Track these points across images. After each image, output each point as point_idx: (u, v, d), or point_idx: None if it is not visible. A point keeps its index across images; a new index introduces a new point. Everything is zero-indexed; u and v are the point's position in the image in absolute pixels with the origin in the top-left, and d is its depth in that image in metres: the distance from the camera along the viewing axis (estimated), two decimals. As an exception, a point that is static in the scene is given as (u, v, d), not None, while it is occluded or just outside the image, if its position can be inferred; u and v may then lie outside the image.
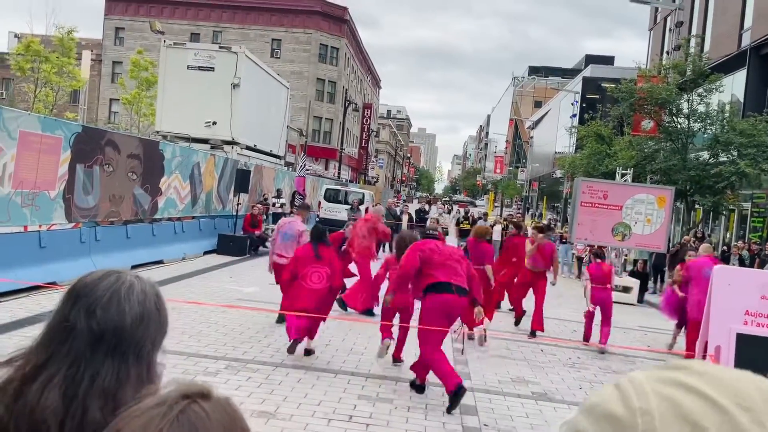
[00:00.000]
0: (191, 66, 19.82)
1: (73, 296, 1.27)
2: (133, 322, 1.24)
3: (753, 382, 0.50)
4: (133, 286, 1.27)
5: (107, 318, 1.22)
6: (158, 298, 1.31)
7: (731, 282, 3.64)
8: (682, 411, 0.48)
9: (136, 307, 1.25)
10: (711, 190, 17.97)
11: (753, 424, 0.46)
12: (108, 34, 50.92)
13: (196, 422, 0.81)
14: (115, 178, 11.98)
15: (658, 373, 0.53)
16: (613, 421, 0.49)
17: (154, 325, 1.27)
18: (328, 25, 51.22)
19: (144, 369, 1.23)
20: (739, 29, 23.82)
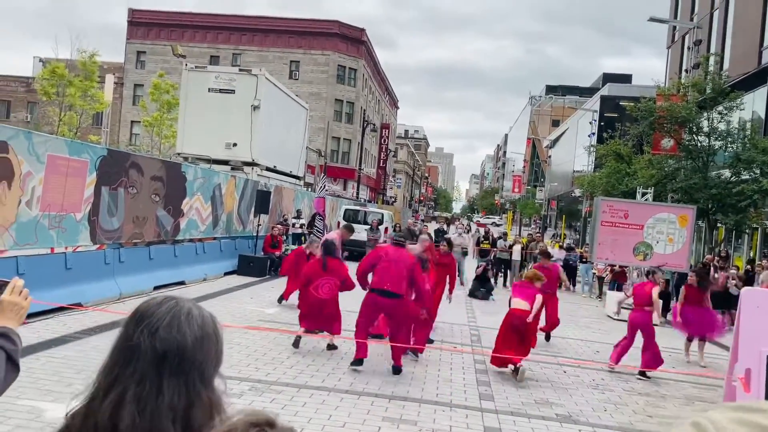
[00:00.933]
0: (212, 88, 20.13)
1: (136, 318, 1.33)
2: (194, 343, 1.29)
3: None
4: (191, 311, 1.33)
5: (170, 338, 1.28)
6: (215, 325, 1.37)
7: (760, 304, 3.61)
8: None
9: (196, 330, 1.31)
10: (733, 209, 17.75)
11: None
12: (130, 57, 51.96)
13: None
14: (139, 200, 12.17)
15: (737, 415, 0.55)
16: None
17: (214, 349, 1.32)
18: (346, 47, 51.81)
19: (211, 391, 1.27)
20: (758, 47, 23.68)
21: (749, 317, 3.69)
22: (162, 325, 1.30)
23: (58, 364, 6.74)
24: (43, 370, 6.49)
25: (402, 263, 7.78)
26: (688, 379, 8.96)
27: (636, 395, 8.06)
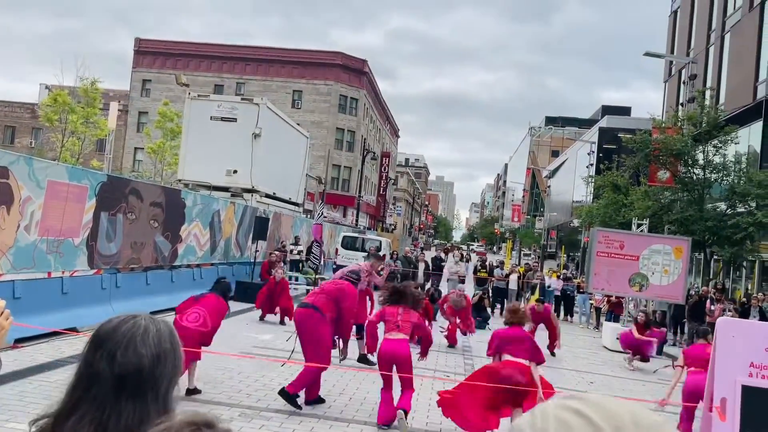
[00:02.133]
0: (214, 117, 20.40)
1: (95, 344, 1.39)
2: (151, 363, 1.35)
3: (627, 408, 0.64)
4: (148, 329, 1.39)
5: (127, 362, 1.34)
6: (172, 336, 1.43)
7: (734, 333, 3.69)
8: (569, 430, 0.61)
9: (153, 349, 1.37)
10: (729, 241, 17.84)
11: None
12: (135, 85, 52.65)
13: None
14: (138, 226, 12.28)
15: (561, 402, 0.66)
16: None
17: (171, 363, 1.39)
18: (348, 77, 52.49)
19: (161, 405, 1.35)
20: (754, 81, 24.04)
21: (725, 347, 3.77)
22: (119, 349, 1.35)
23: (50, 388, 6.77)
24: (35, 394, 6.52)
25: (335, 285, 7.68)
26: (676, 410, 8.93)
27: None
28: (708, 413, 3.89)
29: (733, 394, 3.69)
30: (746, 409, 3.60)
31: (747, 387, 3.65)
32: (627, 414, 0.62)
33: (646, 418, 0.62)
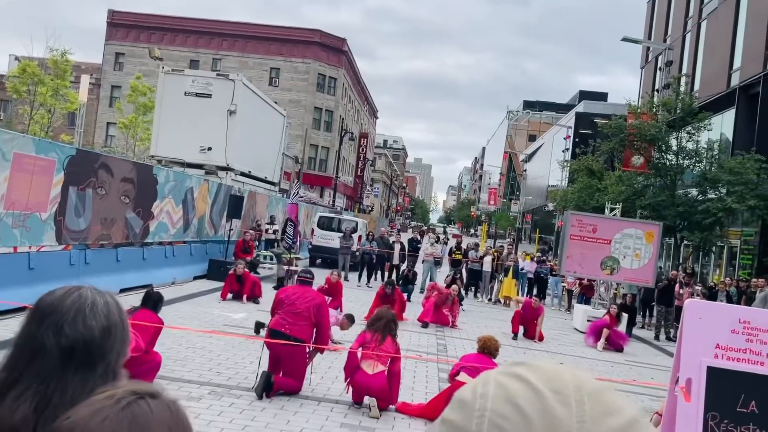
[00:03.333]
0: (188, 92, 20.03)
1: (38, 316, 1.31)
2: (101, 334, 1.29)
3: (569, 373, 0.62)
4: (96, 301, 1.33)
5: (76, 334, 1.27)
6: (120, 309, 1.37)
7: (701, 315, 3.72)
8: (508, 394, 0.60)
9: (102, 320, 1.31)
10: (699, 227, 18.14)
11: (559, 403, 0.58)
12: (108, 59, 51.45)
13: (139, 414, 0.87)
14: (108, 202, 12.04)
15: (504, 368, 0.64)
16: (462, 403, 0.61)
17: (120, 335, 1.33)
18: (326, 56, 51.92)
19: (110, 378, 1.29)
20: (728, 69, 24.31)
21: (691, 328, 3.80)
22: (67, 321, 1.28)
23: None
24: None
25: (302, 306, 7.00)
26: (646, 391, 9.12)
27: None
28: (673, 394, 3.93)
29: (698, 375, 3.72)
30: (711, 389, 3.64)
31: (712, 368, 3.69)
32: (568, 378, 0.61)
33: (588, 382, 0.62)
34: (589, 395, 0.59)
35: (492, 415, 0.58)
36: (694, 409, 3.59)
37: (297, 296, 7.09)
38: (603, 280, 16.88)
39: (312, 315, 6.98)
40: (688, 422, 3.53)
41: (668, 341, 15.02)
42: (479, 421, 0.58)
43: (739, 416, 3.51)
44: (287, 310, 6.98)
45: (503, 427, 0.57)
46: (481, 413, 0.59)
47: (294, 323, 6.89)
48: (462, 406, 0.61)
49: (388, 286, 12.63)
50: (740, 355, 3.57)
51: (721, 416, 3.54)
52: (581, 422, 0.57)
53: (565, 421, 0.57)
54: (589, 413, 0.58)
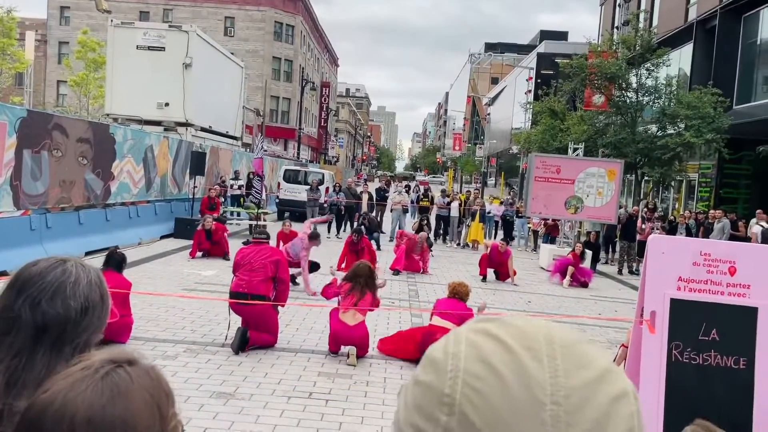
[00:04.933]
0: (140, 46, 19.31)
1: (17, 286, 1.28)
2: (78, 314, 1.27)
3: (542, 327, 0.62)
4: (78, 279, 1.30)
5: (53, 311, 1.25)
6: (102, 286, 1.34)
7: (664, 250, 3.83)
8: (480, 353, 0.60)
9: (81, 300, 1.28)
10: (659, 162, 18.53)
11: (532, 360, 0.58)
12: (52, 13, 49.06)
13: (119, 383, 0.86)
14: (65, 164, 11.70)
15: (475, 325, 0.64)
16: (434, 363, 0.61)
17: (98, 315, 1.31)
18: (282, 3, 50.39)
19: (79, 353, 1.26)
20: (685, 4, 24.42)
21: (655, 262, 3.92)
22: (45, 297, 1.26)
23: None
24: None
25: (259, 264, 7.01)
26: (611, 324, 9.46)
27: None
28: (638, 326, 4.07)
29: (662, 307, 3.86)
30: (674, 320, 3.78)
31: (675, 300, 3.82)
32: (540, 332, 0.61)
33: (559, 335, 0.61)
34: (561, 349, 0.59)
35: (465, 376, 0.58)
36: (659, 340, 3.74)
37: (253, 255, 7.11)
38: (568, 220, 17.22)
39: (269, 270, 7.01)
40: (653, 352, 3.69)
41: (631, 275, 15.52)
42: (452, 381, 0.58)
43: (701, 344, 3.67)
44: (244, 269, 7.03)
45: (477, 387, 0.57)
46: (454, 374, 0.59)
47: (250, 280, 6.92)
48: (435, 367, 0.61)
49: (354, 234, 12.70)
50: (701, 286, 3.72)
51: (684, 345, 3.69)
52: (554, 377, 0.57)
53: (538, 377, 0.57)
54: (561, 367, 0.58)
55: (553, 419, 0.56)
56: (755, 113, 18.73)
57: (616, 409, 0.58)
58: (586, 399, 0.57)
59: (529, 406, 0.56)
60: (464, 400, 0.57)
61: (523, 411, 0.56)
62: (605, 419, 0.57)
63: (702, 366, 3.61)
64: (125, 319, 6.71)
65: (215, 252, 13.00)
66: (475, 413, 0.56)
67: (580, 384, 0.57)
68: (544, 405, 0.56)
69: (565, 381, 0.57)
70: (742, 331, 3.62)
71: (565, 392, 0.57)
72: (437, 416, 0.58)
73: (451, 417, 0.57)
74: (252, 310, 6.88)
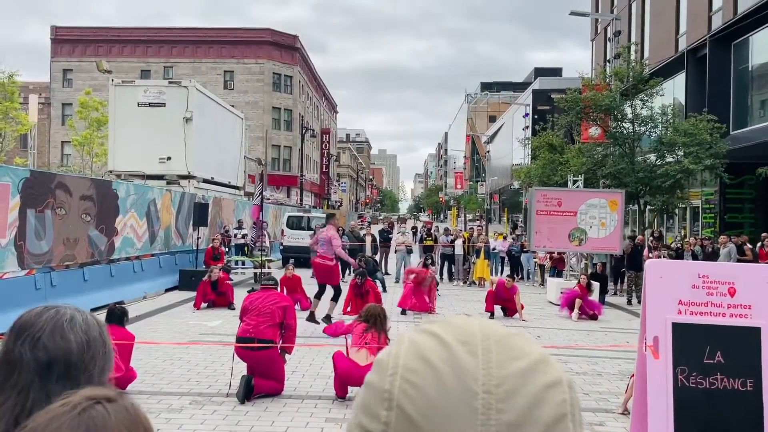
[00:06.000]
0: (141, 103, 19.70)
1: (15, 332, 1.32)
2: (79, 348, 1.29)
3: (479, 324, 0.65)
4: (74, 317, 1.33)
5: (54, 347, 1.28)
6: (101, 327, 1.37)
7: (663, 275, 3.82)
8: (419, 349, 0.62)
9: (81, 335, 1.30)
10: (660, 190, 18.55)
11: (467, 353, 0.60)
12: (56, 76, 50.21)
13: (96, 419, 0.87)
14: (69, 221, 11.80)
15: (419, 327, 0.67)
16: (378, 364, 0.64)
17: (101, 351, 1.33)
18: (279, 54, 51.48)
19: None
20: (675, 34, 24.86)
21: (654, 287, 3.90)
22: (44, 335, 1.29)
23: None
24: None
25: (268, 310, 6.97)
26: (623, 355, 9.33)
27: (573, 375, 8.34)
28: (642, 353, 4.03)
29: (665, 332, 3.82)
30: (677, 344, 3.74)
31: (677, 324, 3.79)
32: (476, 328, 0.63)
33: (494, 330, 0.64)
34: (496, 342, 0.61)
35: (403, 371, 0.60)
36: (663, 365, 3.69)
37: (261, 300, 7.09)
38: (573, 252, 17.16)
39: (277, 316, 6.98)
40: (658, 378, 3.63)
41: (640, 305, 15.35)
42: (392, 378, 0.60)
43: (706, 367, 3.62)
44: (252, 314, 6.99)
45: (413, 381, 0.59)
46: (393, 371, 0.61)
47: (257, 325, 6.87)
48: (379, 367, 0.63)
49: (358, 277, 12.67)
50: (702, 309, 3.69)
51: (689, 369, 3.64)
52: (487, 368, 0.59)
53: (471, 368, 0.59)
54: (495, 359, 0.60)
55: (484, 407, 0.57)
56: (752, 137, 18.83)
57: (548, 396, 0.59)
58: (517, 387, 0.59)
59: (461, 396, 0.58)
60: (401, 394, 0.59)
61: (455, 401, 0.58)
62: (536, 405, 0.58)
63: (709, 390, 3.56)
64: (129, 373, 6.67)
65: (220, 302, 12.97)
66: (411, 406, 0.58)
67: (512, 373, 0.59)
68: (476, 394, 0.58)
69: (498, 371, 0.59)
70: (747, 352, 3.58)
71: (497, 381, 0.58)
72: (378, 412, 0.59)
73: (390, 412, 0.59)
74: (259, 356, 6.82)
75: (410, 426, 0.58)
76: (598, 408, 6.93)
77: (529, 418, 0.58)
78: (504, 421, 0.57)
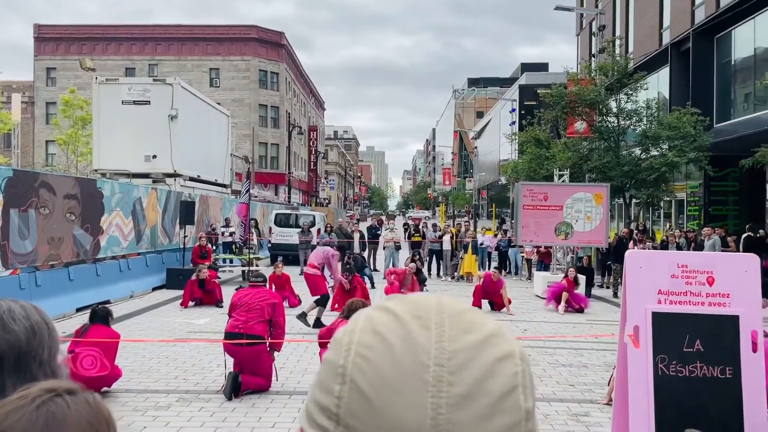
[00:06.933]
0: (126, 101, 19.53)
1: None
2: (26, 336, 1.29)
3: (435, 299, 0.65)
4: (11, 307, 1.33)
5: (1, 341, 1.27)
6: (39, 310, 1.37)
7: (642, 265, 3.86)
8: (373, 325, 0.63)
9: (24, 322, 1.30)
10: (645, 183, 18.69)
11: (420, 327, 0.61)
12: (39, 75, 49.68)
13: (55, 412, 0.85)
14: (53, 221, 11.69)
15: (378, 303, 0.67)
16: (336, 342, 0.65)
17: (45, 333, 1.32)
18: (265, 51, 51.25)
19: (49, 373, 1.28)
20: (658, 28, 25.01)
21: (634, 278, 3.94)
22: None
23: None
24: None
25: (256, 306, 6.99)
26: (608, 347, 9.40)
27: (560, 367, 8.41)
28: (623, 342, 4.07)
29: (645, 322, 3.87)
30: (657, 334, 3.79)
31: (656, 313, 3.84)
32: (432, 304, 0.64)
33: (450, 305, 0.64)
34: (450, 317, 0.62)
35: (357, 347, 0.61)
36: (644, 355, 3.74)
37: (250, 296, 7.11)
38: (560, 246, 17.26)
39: (266, 313, 6.99)
40: (639, 367, 3.68)
41: (626, 297, 15.47)
42: (346, 354, 0.61)
43: (686, 356, 3.67)
44: (241, 310, 7.00)
45: (366, 356, 0.60)
46: (348, 347, 0.62)
47: (247, 321, 6.88)
48: (335, 344, 0.64)
49: (346, 273, 12.69)
50: (682, 298, 3.73)
51: (669, 358, 3.69)
52: (440, 342, 0.60)
53: (424, 342, 0.60)
54: (447, 333, 0.61)
55: (435, 379, 0.58)
56: (735, 130, 19.01)
57: (500, 369, 0.60)
58: (468, 360, 0.60)
59: (413, 369, 0.59)
60: (354, 369, 0.60)
61: (407, 374, 0.59)
62: (487, 377, 0.59)
63: (689, 378, 3.60)
64: (114, 371, 6.65)
65: (207, 300, 12.93)
66: (363, 379, 0.59)
67: (464, 347, 0.60)
68: (427, 367, 0.59)
69: (450, 345, 0.60)
70: (726, 340, 3.63)
71: (449, 355, 0.59)
72: (332, 387, 0.60)
73: (343, 386, 0.60)
74: (247, 352, 6.82)
75: (362, 399, 0.59)
76: (584, 399, 6.99)
77: (479, 390, 0.59)
78: (455, 393, 0.58)
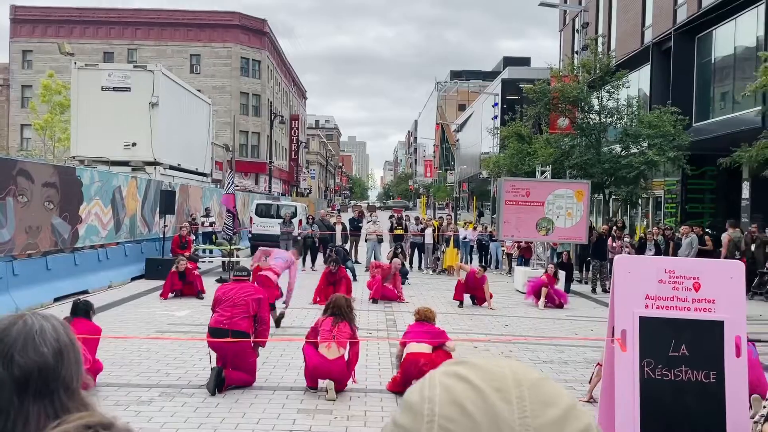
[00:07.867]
0: (105, 87, 19.22)
1: None
2: (54, 358, 1.26)
3: (509, 368, 0.66)
4: (43, 326, 1.29)
5: (28, 361, 1.24)
6: (68, 330, 1.34)
7: (630, 270, 3.91)
8: (453, 396, 0.63)
9: (54, 344, 1.27)
10: (624, 181, 18.92)
11: (501, 401, 0.62)
12: (15, 57, 48.61)
13: None
14: (31, 209, 11.50)
15: (447, 368, 0.67)
16: (411, 407, 0.64)
17: (73, 357, 1.30)
18: (247, 38, 50.72)
19: (77, 401, 1.26)
20: (641, 27, 25.25)
21: (622, 282, 3.99)
22: (16, 350, 1.25)
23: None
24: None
25: (241, 301, 6.96)
26: (588, 343, 9.53)
27: (540, 363, 8.50)
28: (610, 345, 4.12)
29: (632, 326, 3.92)
30: (644, 338, 3.84)
31: (644, 318, 3.89)
32: (508, 374, 0.65)
33: (526, 376, 0.65)
34: (529, 390, 0.63)
35: (440, 419, 0.61)
36: (630, 358, 3.79)
37: (235, 291, 7.06)
38: (541, 241, 17.41)
39: (251, 308, 6.96)
40: (625, 371, 3.73)
41: (604, 293, 15.64)
42: (429, 426, 0.61)
43: (671, 360, 3.73)
44: (225, 305, 6.95)
45: (451, 430, 0.60)
46: (430, 418, 0.62)
47: (231, 316, 6.84)
48: (412, 411, 0.64)
49: (332, 264, 12.68)
50: (668, 303, 3.79)
51: (655, 362, 3.75)
52: (523, 417, 0.61)
53: (507, 417, 0.60)
54: (529, 408, 0.61)
55: None
56: (714, 129, 19.31)
57: None
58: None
59: None
60: None
61: None
62: None
63: (674, 382, 3.66)
64: (95, 365, 6.57)
65: (188, 292, 12.83)
66: None
67: (547, 422, 0.61)
68: None
69: (533, 420, 0.61)
70: (711, 345, 3.69)
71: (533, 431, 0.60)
72: None
73: None
74: (231, 347, 6.79)
75: None
76: (565, 396, 7.07)
77: None
78: None
